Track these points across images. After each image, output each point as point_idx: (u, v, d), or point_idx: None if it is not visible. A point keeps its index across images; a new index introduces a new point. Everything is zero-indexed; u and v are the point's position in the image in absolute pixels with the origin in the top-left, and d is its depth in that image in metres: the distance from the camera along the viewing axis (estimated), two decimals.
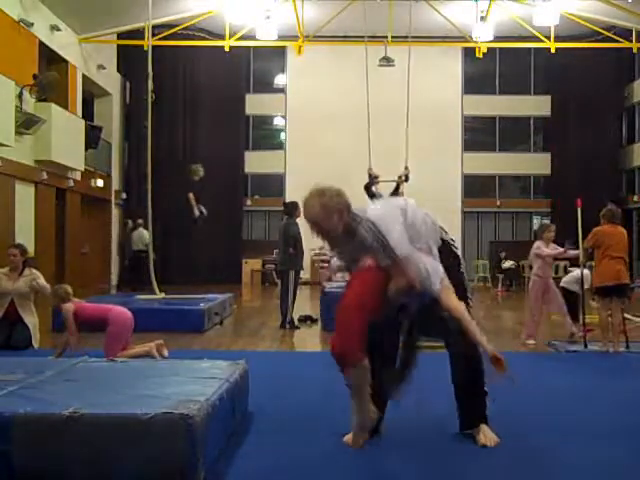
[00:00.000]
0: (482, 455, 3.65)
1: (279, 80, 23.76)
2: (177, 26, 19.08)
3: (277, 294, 11.35)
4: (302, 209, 3.81)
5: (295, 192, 21.88)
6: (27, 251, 8.08)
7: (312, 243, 20.11)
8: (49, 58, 16.79)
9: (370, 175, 11.75)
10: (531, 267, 20.47)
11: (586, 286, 8.68)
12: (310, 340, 9.14)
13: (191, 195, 11.98)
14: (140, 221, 17.77)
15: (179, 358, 5.89)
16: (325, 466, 3.49)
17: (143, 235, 17.45)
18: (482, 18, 18.01)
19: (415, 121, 15.12)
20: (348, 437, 3.85)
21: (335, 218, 3.70)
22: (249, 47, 21.51)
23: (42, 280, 7.75)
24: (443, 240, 3.93)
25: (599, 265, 7.74)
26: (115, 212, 21.15)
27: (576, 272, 9.19)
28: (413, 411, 4.12)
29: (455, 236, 4.02)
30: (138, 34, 18.19)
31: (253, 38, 18.96)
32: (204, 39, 20.41)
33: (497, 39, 18.93)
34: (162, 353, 6.56)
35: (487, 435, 3.84)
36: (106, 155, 20.37)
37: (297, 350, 8.45)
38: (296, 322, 10.18)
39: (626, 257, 7.83)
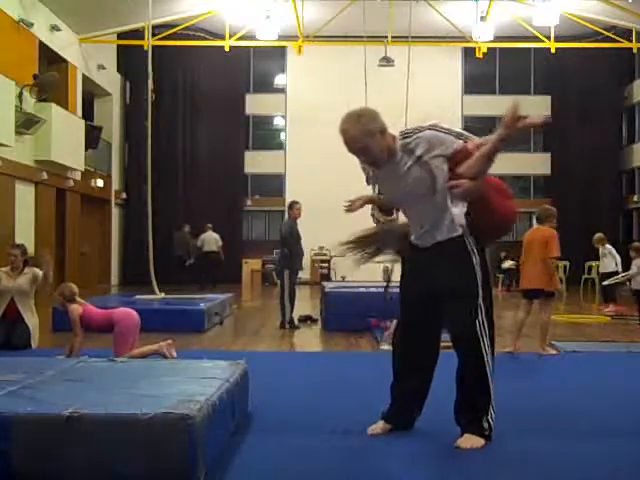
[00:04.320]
0: (482, 456, 3.64)
1: (279, 80, 23.76)
2: (177, 26, 19.11)
3: (277, 294, 11.35)
4: (343, 137, 3.68)
5: (295, 192, 21.87)
6: (27, 251, 8.10)
7: (312, 243, 20.11)
8: (49, 58, 16.80)
9: None
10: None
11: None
12: (310, 340, 9.14)
13: None
14: (210, 225, 18.83)
15: (179, 358, 5.90)
16: (326, 466, 3.49)
17: (214, 238, 18.59)
18: (482, 18, 18.03)
19: (415, 121, 15.09)
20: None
21: (379, 138, 3.66)
22: (249, 47, 21.52)
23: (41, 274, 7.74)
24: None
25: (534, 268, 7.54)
26: (115, 212, 21.17)
27: None
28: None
29: None
30: (138, 34, 18.21)
31: (253, 38, 18.98)
32: (204, 39, 20.42)
33: (497, 39, 18.95)
34: (171, 353, 6.56)
35: (465, 440, 3.75)
36: (106, 155, 20.39)
37: (297, 350, 8.45)
38: (296, 322, 10.18)
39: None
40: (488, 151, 3.56)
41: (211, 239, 18.69)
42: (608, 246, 13.18)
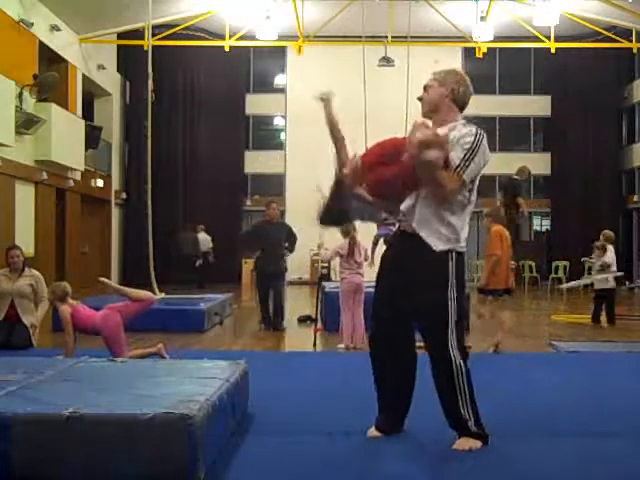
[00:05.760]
0: (480, 456, 3.64)
1: (279, 80, 23.76)
2: (177, 26, 19.11)
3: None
4: None
5: (295, 192, 21.90)
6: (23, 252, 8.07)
7: (312, 243, 20.14)
8: (49, 58, 16.80)
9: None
10: (531, 267, 20.44)
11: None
12: (310, 340, 9.12)
13: (521, 200, 11.75)
14: (202, 226, 19.43)
15: (179, 358, 5.89)
16: (326, 466, 3.49)
17: (207, 239, 19.23)
18: (482, 18, 18.02)
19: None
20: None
21: (436, 89, 3.79)
22: (249, 47, 21.52)
23: (44, 289, 7.70)
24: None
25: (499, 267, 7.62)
26: (115, 212, 21.17)
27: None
28: (415, 412, 4.11)
29: None
30: (138, 34, 18.20)
31: (253, 38, 18.97)
32: (204, 39, 20.41)
33: (497, 39, 18.94)
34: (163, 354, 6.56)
35: (461, 443, 3.74)
36: (106, 155, 20.38)
37: (297, 350, 8.45)
38: (283, 323, 9.95)
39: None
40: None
41: (205, 240, 19.19)
42: (609, 246, 13.11)
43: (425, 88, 3.87)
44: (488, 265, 7.66)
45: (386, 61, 18.54)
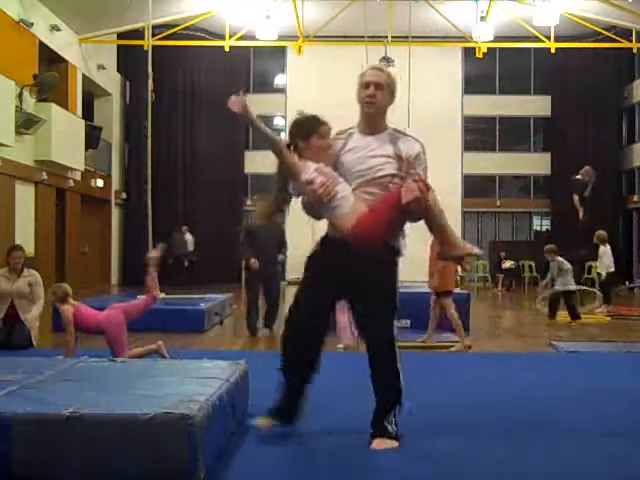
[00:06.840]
0: (481, 455, 3.64)
1: (279, 80, 23.76)
2: (177, 26, 19.12)
3: None
4: (375, 69, 3.85)
5: None
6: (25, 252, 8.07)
7: (311, 244, 20.20)
8: (49, 58, 16.81)
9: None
10: (531, 267, 20.38)
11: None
12: None
13: (576, 197, 12.15)
14: (185, 227, 19.85)
15: (179, 358, 5.89)
16: (325, 466, 3.49)
17: (191, 240, 19.73)
18: (482, 18, 18.02)
19: (415, 121, 15.13)
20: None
21: (387, 94, 3.77)
22: (249, 47, 21.52)
23: (41, 290, 7.70)
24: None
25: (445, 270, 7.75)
26: (115, 212, 21.18)
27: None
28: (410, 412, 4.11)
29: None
30: (138, 34, 18.21)
31: (253, 38, 18.98)
32: (204, 39, 20.42)
33: (497, 39, 18.94)
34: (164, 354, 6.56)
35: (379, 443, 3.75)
36: (106, 155, 20.39)
37: None
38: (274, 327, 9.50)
39: None
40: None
41: (190, 241, 19.72)
42: (605, 247, 13.14)
43: (377, 86, 3.75)
44: (437, 269, 7.66)
45: (386, 61, 18.49)
